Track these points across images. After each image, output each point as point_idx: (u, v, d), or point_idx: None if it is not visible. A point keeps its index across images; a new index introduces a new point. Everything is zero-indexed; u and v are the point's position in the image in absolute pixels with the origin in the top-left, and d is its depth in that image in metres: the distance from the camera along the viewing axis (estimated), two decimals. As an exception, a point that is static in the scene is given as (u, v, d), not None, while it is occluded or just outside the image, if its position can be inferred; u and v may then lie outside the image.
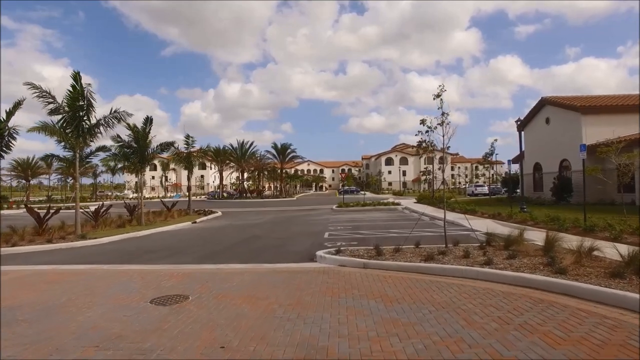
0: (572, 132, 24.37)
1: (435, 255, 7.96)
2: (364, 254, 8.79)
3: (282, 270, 8.05)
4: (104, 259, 10.21)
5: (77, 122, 14.45)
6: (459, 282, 6.34)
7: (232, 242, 13.21)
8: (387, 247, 9.45)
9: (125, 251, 11.70)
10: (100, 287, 6.92)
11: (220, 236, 15.16)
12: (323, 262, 8.73)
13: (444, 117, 8.57)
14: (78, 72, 14.23)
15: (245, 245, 12.35)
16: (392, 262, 7.75)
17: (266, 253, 10.61)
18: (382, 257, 8.30)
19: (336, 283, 6.65)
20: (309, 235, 14.12)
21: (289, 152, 57.33)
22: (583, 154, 12.26)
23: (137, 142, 19.63)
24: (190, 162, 26.56)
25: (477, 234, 12.43)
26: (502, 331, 4.02)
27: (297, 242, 12.58)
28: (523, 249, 8.17)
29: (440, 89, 8.71)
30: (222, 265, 8.85)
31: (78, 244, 13.20)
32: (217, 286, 6.72)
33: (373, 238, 12.75)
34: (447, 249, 8.58)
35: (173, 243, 13.38)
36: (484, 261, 7.10)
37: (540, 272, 6.13)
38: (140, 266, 9.09)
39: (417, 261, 7.72)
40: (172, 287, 6.77)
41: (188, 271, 8.24)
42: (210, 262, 9.38)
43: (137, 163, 19.91)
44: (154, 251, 11.54)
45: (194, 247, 12.14)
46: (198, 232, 16.86)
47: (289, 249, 11.11)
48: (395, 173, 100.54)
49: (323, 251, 9.44)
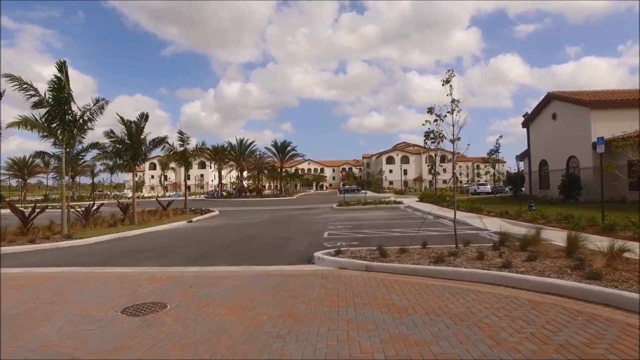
0: (580, 127, 23.57)
1: (446, 256, 7.18)
2: (366, 255, 8.02)
3: (275, 273, 7.28)
4: (86, 261, 9.45)
5: (62, 114, 13.68)
6: (476, 287, 5.56)
7: (226, 242, 12.44)
8: (392, 248, 8.68)
9: (111, 252, 10.94)
10: (69, 293, 6.16)
11: (214, 236, 14.40)
12: (321, 264, 7.96)
13: (454, 104, 7.79)
14: (64, 61, 13.47)
15: (239, 245, 11.59)
16: (398, 265, 6.98)
17: (261, 254, 9.85)
18: (387, 259, 7.53)
19: (335, 288, 5.88)
20: (307, 235, 13.35)
21: (289, 150, 56.52)
22: (601, 148, 11.46)
23: (130, 138, 18.85)
24: (186, 159, 25.77)
25: (487, 233, 11.68)
26: (541, 354, 3.24)
27: (295, 242, 11.81)
28: (542, 250, 7.39)
29: (450, 74, 7.95)
30: (211, 268, 8.08)
31: (63, 244, 12.44)
32: (201, 292, 5.95)
33: (375, 238, 11.98)
34: (457, 249, 7.80)
35: (164, 243, 12.62)
36: (502, 263, 6.32)
37: (569, 277, 5.35)
38: (122, 269, 8.32)
39: (426, 263, 6.94)
40: (151, 293, 6.00)
41: (173, 274, 7.48)
42: (200, 264, 8.61)
43: (130, 160, 19.11)
44: (141, 252, 10.78)
45: (185, 248, 11.38)
46: (192, 232, 16.11)
47: (286, 250, 10.34)
48: (396, 172, 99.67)
49: (321, 252, 8.67)
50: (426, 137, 8.06)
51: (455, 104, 7.80)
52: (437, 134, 8.00)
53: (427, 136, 7.86)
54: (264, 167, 59.98)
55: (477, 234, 11.93)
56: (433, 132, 8.00)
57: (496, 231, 12.13)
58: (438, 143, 7.69)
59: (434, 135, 8.00)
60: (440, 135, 8.08)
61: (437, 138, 8.07)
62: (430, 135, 7.89)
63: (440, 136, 8.08)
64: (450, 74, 7.95)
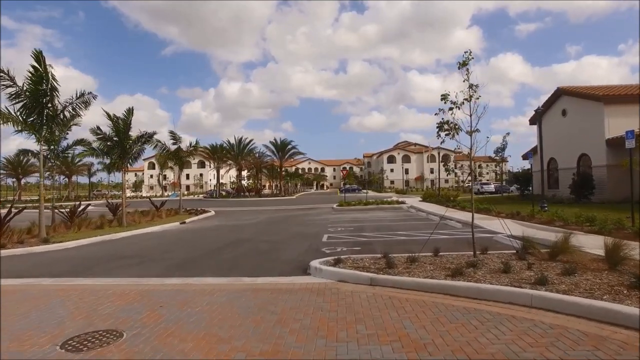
0: (592, 124, 22.46)
1: (464, 268, 6.11)
2: (371, 265, 6.96)
3: (264, 287, 6.22)
4: (55, 270, 8.40)
5: (40, 108, 12.63)
6: (508, 311, 4.50)
7: (216, 246, 11.39)
8: (399, 256, 7.62)
9: (88, 258, 9.88)
10: (15, 315, 5.10)
11: (204, 239, 13.35)
12: (318, 276, 6.90)
13: (472, 90, 6.72)
14: (40, 51, 12.42)
15: (230, 250, 10.53)
16: (408, 278, 5.91)
17: (251, 261, 8.78)
18: (394, 270, 6.47)
19: (334, 310, 4.82)
20: (304, 238, 12.29)
21: (289, 149, 55.40)
22: (631, 142, 10.37)
23: (118, 135, 17.80)
24: (179, 158, 24.72)
25: (502, 236, 10.59)
26: None
27: (290, 246, 10.75)
28: (576, 260, 6.32)
29: (467, 55, 6.87)
30: (192, 280, 7.02)
31: (38, 249, 11.39)
32: (170, 314, 4.89)
33: (379, 242, 10.92)
34: (476, 259, 6.73)
35: (149, 247, 11.57)
36: (535, 278, 5.25)
37: (629, 301, 4.26)
38: (91, 280, 7.28)
39: (442, 276, 5.88)
40: (110, 315, 4.95)
41: (146, 288, 6.43)
42: (181, 274, 7.56)
43: (118, 158, 18.06)
44: (122, 258, 9.73)
45: (170, 253, 10.33)
46: (182, 234, 15.06)
47: (279, 256, 9.27)
48: (397, 171, 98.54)
49: (319, 261, 7.60)
50: (439, 128, 7.01)
51: (473, 89, 6.73)
52: (452, 125, 6.90)
53: (441, 127, 6.79)
54: (263, 166, 58.89)
55: (492, 238, 10.88)
56: (447, 122, 6.78)
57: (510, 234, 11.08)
58: (453, 135, 6.55)
59: (448, 127, 6.85)
60: (455, 126, 7.01)
61: (452, 130, 6.91)
62: (444, 126, 6.74)
63: (455, 127, 7.00)
64: (468, 55, 6.88)
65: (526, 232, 11.16)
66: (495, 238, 10.88)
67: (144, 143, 18.79)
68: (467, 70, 6.94)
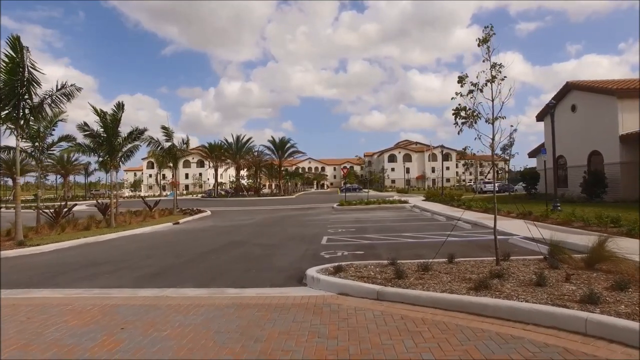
0: (604, 119, 21.44)
1: (488, 279, 5.13)
2: (376, 275, 5.98)
3: (250, 302, 5.24)
4: (15, 279, 7.43)
5: (16, 100, 11.65)
6: (557, 340, 3.51)
7: (205, 249, 10.41)
8: (408, 263, 6.65)
9: (59, 265, 8.91)
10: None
11: (194, 241, 12.38)
12: (315, 287, 5.92)
13: (494, 70, 5.73)
14: (17, 37, 11.41)
15: (219, 254, 9.55)
16: (423, 292, 4.93)
17: (240, 268, 7.79)
18: (405, 281, 5.49)
19: (333, 337, 3.84)
20: (302, 241, 11.31)
21: (288, 147, 54.33)
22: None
23: (106, 131, 16.83)
24: (173, 156, 23.73)
25: (517, 239, 9.61)
26: None
27: (286, 250, 9.77)
28: (620, 270, 5.34)
29: (489, 30, 5.89)
30: (169, 291, 6.05)
31: (10, 253, 10.42)
32: (130, 342, 3.92)
33: (384, 245, 9.94)
34: (500, 267, 5.75)
35: (131, 251, 10.60)
36: (580, 295, 4.28)
37: None
38: (51, 292, 6.32)
39: (463, 290, 4.90)
40: (54, 342, 3.97)
41: (112, 303, 5.46)
42: (158, 284, 6.59)
43: (106, 155, 17.09)
44: (97, 264, 8.76)
45: (152, 258, 9.36)
46: (172, 237, 14.10)
47: (272, 262, 8.29)
48: (398, 170, 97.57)
49: (317, 268, 6.62)
50: (456, 115, 6.02)
51: (496, 69, 5.73)
52: (471, 112, 5.91)
53: (457, 114, 5.84)
54: (262, 165, 57.89)
55: (507, 241, 9.91)
56: (465, 109, 5.75)
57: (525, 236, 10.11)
58: (471, 124, 5.62)
59: (466, 114, 5.83)
60: (474, 113, 6.02)
61: (470, 117, 5.90)
62: (462, 113, 5.77)
63: (474, 115, 6.01)
64: (490, 30, 5.89)
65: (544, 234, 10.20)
66: (512, 241, 9.91)
67: (135, 140, 17.80)
68: (488, 49, 5.95)
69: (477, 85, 5.76)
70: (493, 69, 5.74)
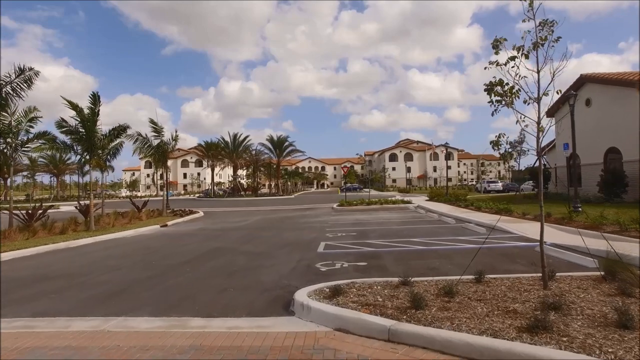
0: (623, 113, 19.98)
1: (541, 312, 3.69)
2: (386, 301, 4.55)
3: (215, 345, 3.81)
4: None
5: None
6: None
7: (183, 259, 8.98)
8: (423, 281, 5.24)
9: (3, 280, 7.45)
10: None
11: (175, 248, 10.95)
12: (306, 317, 4.50)
13: (546, 27, 4.30)
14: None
15: (196, 266, 8.11)
16: (454, 335, 3.48)
17: (215, 286, 6.34)
18: (425, 313, 4.06)
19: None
20: (296, 248, 9.88)
21: (287, 146, 52.75)
22: None
23: (84, 126, 15.40)
24: (162, 153, 22.28)
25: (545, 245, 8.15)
26: None
27: (276, 261, 8.33)
28: None
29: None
30: (113, 323, 4.62)
31: (-44, 263, 8.99)
32: None
33: (390, 254, 8.50)
34: (551, 292, 4.31)
35: (97, 261, 9.16)
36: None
37: None
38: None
39: (510, 330, 3.46)
40: None
41: (27, 345, 4.04)
42: (106, 310, 5.15)
43: (85, 153, 15.66)
44: (49, 279, 7.30)
45: (118, 270, 7.92)
46: (153, 241, 12.67)
47: (256, 278, 6.85)
48: (399, 169, 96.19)
49: (309, 290, 5.19)
50: (489, 91, 4.71)
51: (548, 27, 4.29)
52: (509, 87, 4.47)
53: (491, 90, 4.54)
54: (260, 165, 56.40)
55: (535, 248, 8.46)
56: (502, 83, 4.29)
57: (555, 243, 8.66)
58: (510, 103, 4.33)
59: (502, 91, 4.41)
60: (512, 89, 4.58)
61: (507, 95, 4.46)
62: (497, 89, 4.46)
63: (511, 91, 4.57)
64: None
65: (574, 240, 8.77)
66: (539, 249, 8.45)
67: (117, 136, 16.35)
68: (531, 4, 4.50)
69: (521, 49, 4.30)
70: (543, 27, 4.27)
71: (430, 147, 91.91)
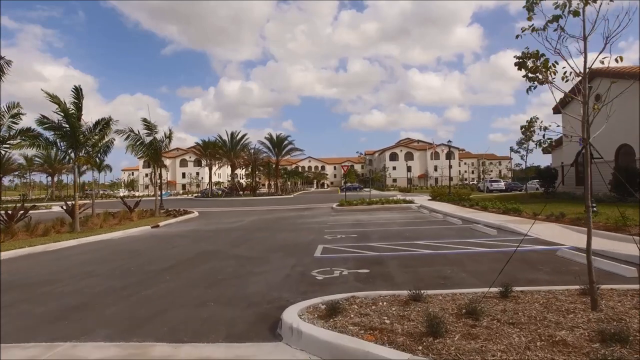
0: (636, 109, 19.09)
1: (596, 343, 2.81)
2: (395, 325, 3.66)
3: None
4: None
5: None
6: None
7: (166, 264, 8.09)
8: (437, 294, 4.38)
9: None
10: None
11: (161, 251, 10.08)
12: (296, 345, 3.61)
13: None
14: None
15: (178, 273, 7.22)
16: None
17: (194, 298, 5.45)
18: (446, 343, 3.17)
19: None
20: (291, 252, 8.99)
21: (286, 145, 51.82)
22: None
23: (68, 122, 14.51)
24: (155, 151, 21.39)
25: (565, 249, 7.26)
26: None
27: (267, 267, 7.45)
28: None
29: None
30: (51, 355, 3.73)
31: None
32: None
33: (394, 259, 7.62)
34: (603, 315, 3.43)
35: (71, 267, 8.28)
36: None
37: None
38: None
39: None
40: None
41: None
42: (56, 332, 4.27)
43: (68, 150, 14.79)
44: (9, 289, 6.43)
45: (89, 278, 7.04)
46: (139, 244, 11.80)
47: (243, 288, 5.96)
48: (400, 169, 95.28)
49: (301, 307, 4.30)
50: (520, 65, 3.93)
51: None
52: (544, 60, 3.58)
53: (522, 64, 3.77)
54: (259, 164, 55.49)
55: (555, 253, 7.63)
56: (537, 55, 3.41)
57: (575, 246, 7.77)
58: (545, 79, 3.56)
59: (534, 64, 3.51)
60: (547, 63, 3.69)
61: (541, 68, 3.56)
62: (528, 63, 3.65)
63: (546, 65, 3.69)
64: None
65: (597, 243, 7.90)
66: (561, 253, 7.62)
67: (102, 130, 15.47)
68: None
69: (567, 7, 3.41)
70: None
71: (431, 146, 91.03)
